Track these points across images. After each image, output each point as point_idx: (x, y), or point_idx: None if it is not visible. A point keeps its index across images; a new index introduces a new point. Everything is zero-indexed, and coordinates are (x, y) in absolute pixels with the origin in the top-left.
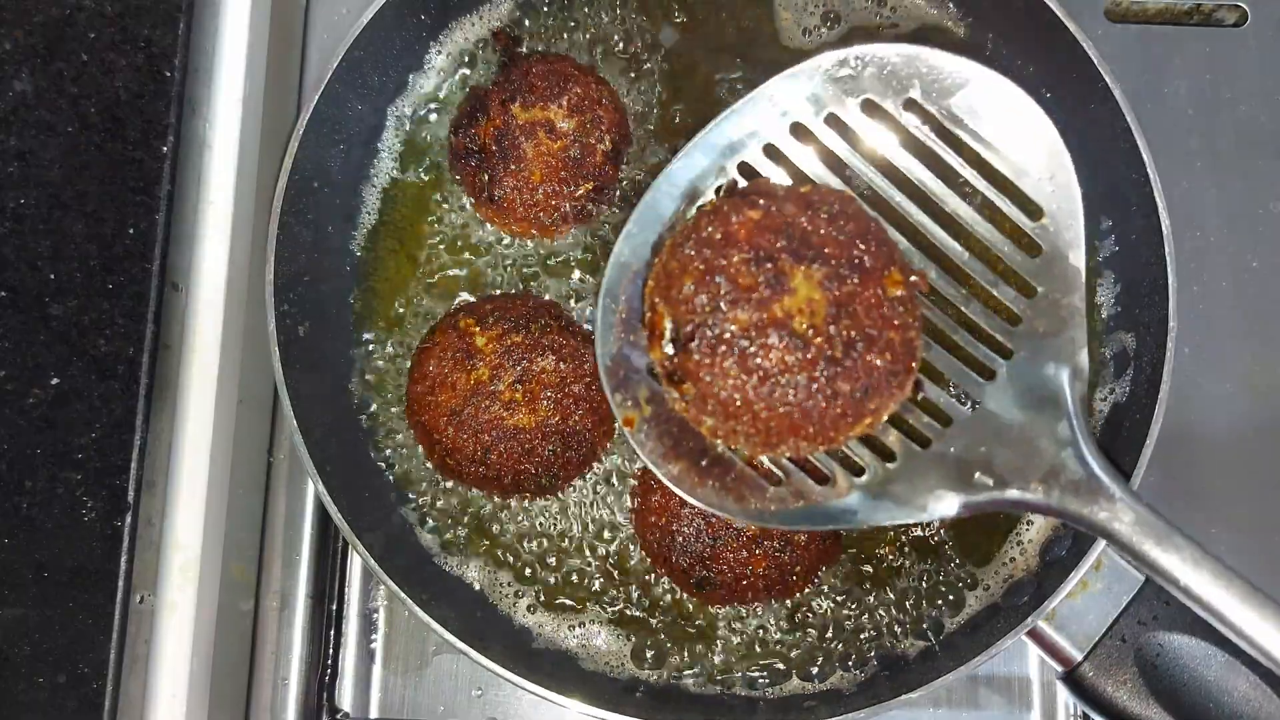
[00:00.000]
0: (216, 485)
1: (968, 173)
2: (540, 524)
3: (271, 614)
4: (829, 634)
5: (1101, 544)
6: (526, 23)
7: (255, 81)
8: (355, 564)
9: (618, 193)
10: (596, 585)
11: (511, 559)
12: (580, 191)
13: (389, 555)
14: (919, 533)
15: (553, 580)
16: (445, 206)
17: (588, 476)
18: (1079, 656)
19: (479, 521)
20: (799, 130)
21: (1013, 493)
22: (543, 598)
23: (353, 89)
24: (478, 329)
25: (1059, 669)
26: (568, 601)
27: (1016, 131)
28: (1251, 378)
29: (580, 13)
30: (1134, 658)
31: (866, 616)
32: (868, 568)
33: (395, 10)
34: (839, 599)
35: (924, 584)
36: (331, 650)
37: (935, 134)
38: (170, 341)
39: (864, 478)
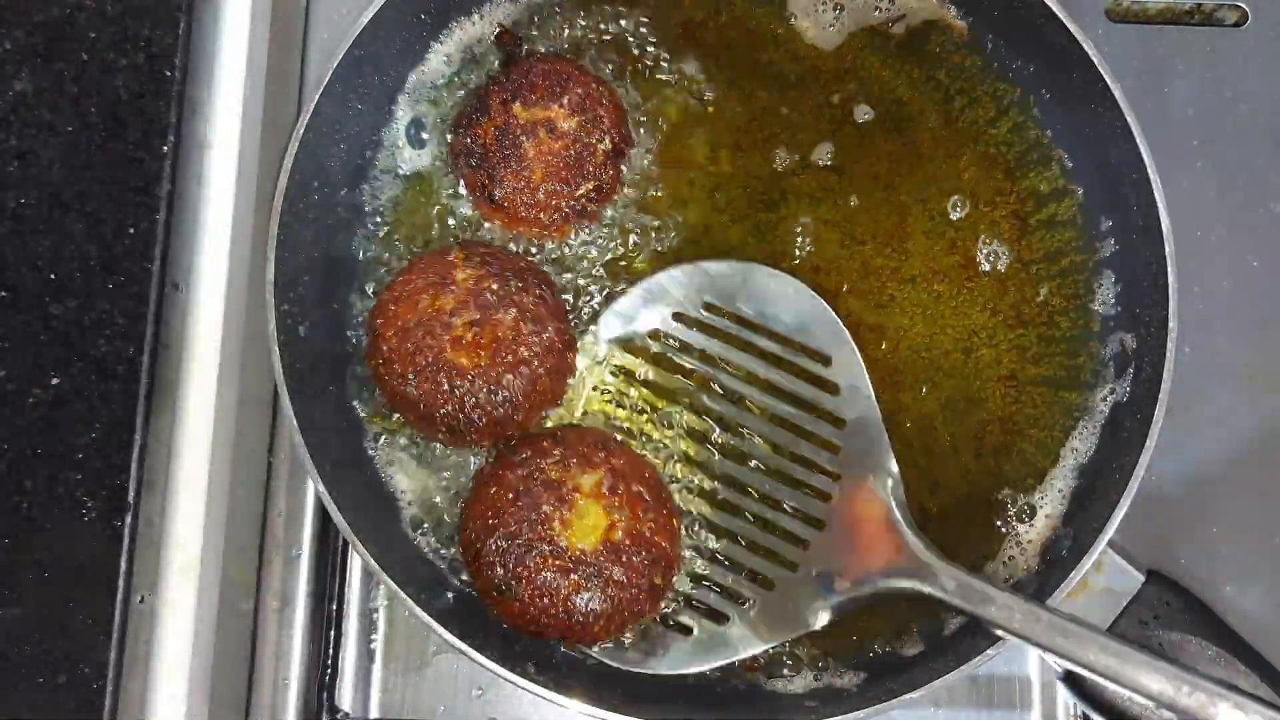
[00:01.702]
0: (216, 485)
1: (768, 344)
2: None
3: (271, 614)
4: (829, 634)
5: (1102, 544)
6: (534, 20)
7: (255, 81)
8: (355, 564)
9: (620, 191)
10: None
11: None
12: (581, 191)
13: (389, 555)
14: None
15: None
16: (446, 206)
17: None
18: None
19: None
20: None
21: (866, 588)
22: None
23: (353, 89)
24: (463, 262)
25: (1059, 669)
26: None
27: (791, 303)
28: (1251, 378)
29: (586, 15)
30: None
31: (866, 616)
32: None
33: (395, 10)
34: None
35: None
36: (331, 650)
37: (737, 323)
38: (170, 341)
39: (754, 610)
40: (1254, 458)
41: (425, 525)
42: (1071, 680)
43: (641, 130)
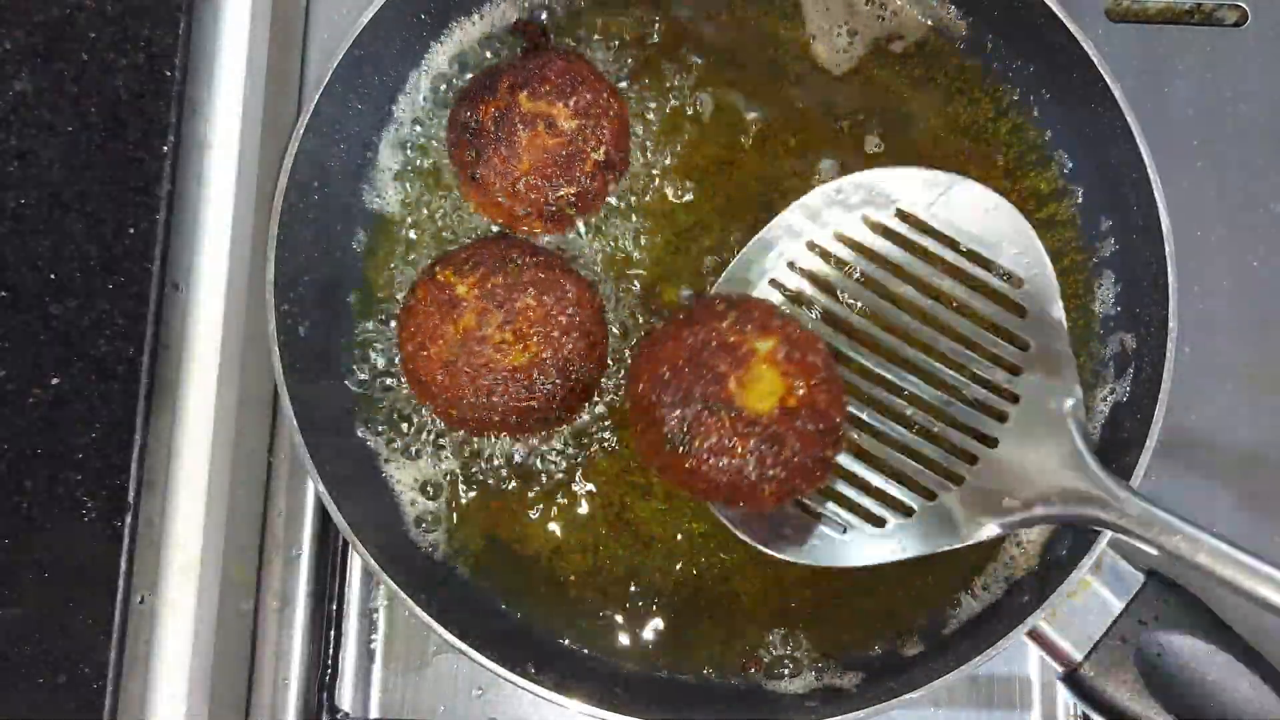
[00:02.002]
0: (216, 485)
1: (959, 260)
2: (541, 524)
3: (271, 614)
4: (829, 633)
5: (1102, 544)
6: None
7: (255, 81)
8: (355, 564)
9: (601, 207)
10: (600, 585)
11: (513, 558)
12: (561, 194)
13: (389, 555)
14: None
15: (555, 580)
16: (446, 206)
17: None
18: (1079, 656)
19: (481, 522)
20: (813, 247)
21: (1038, 510)
22: (544, 597)
23: (353, 89)
24: (456, 278)
25: (1059, 669)
26: (569, 601)
27: (988, 221)
28: (1251, 378)
29: (608, 22)
30: (1134, 658)
31: (866, 616)
32: (868, 566)
33: (395, 10)
34: (838, 598)
35: (924, 584)
36: (331, 650)
37: (926, 234)
38: (170, 341)
39: (912, 518)
40: (1254, 458)
41: (426, 524)
42: (1071, 680)
43: (646, 136)
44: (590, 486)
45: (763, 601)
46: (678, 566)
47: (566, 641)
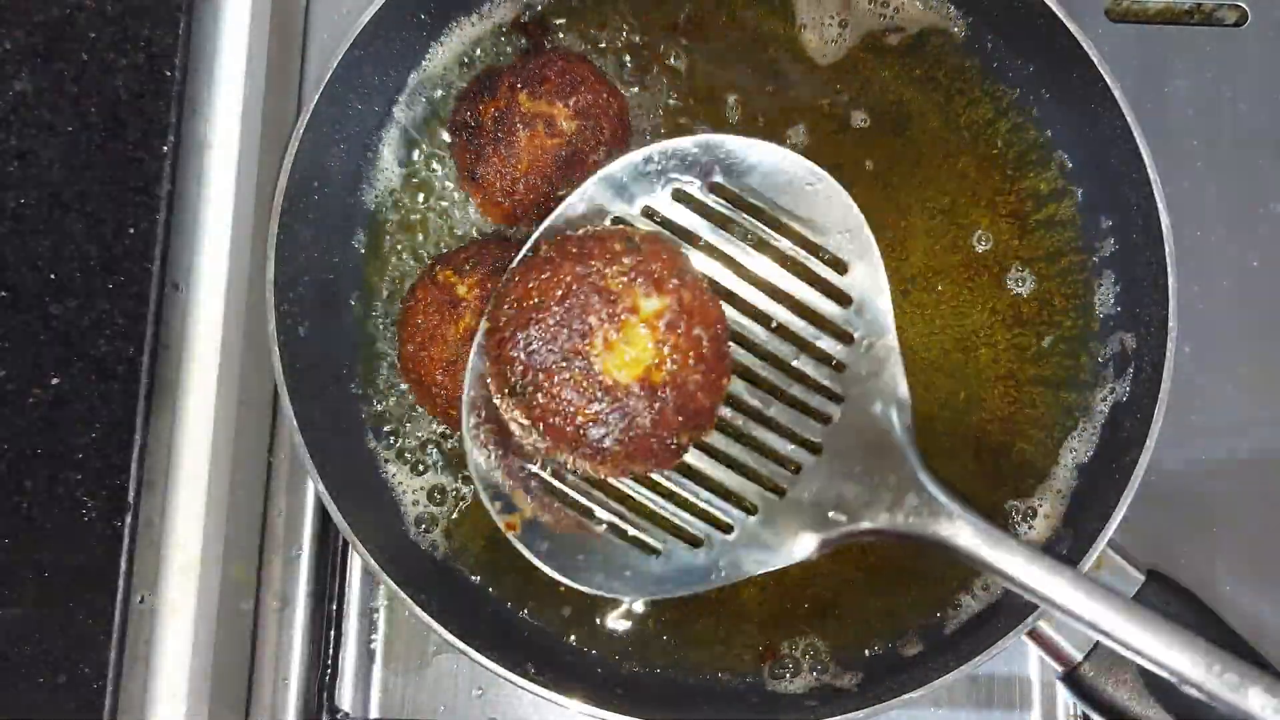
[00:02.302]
0: (216, 485)
1: (776, 240)
2: None
3: (271, 614)
4: (828, 633)
5: (1102, 544)
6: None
7: (255, 81)
8: (355, 564)
9: None
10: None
11: (513, 558)
12: (561, 193)
13: (389, 555)
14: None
15: (555, 580)
16: (446, 206)
17: None
18: (1079, 656)
19: (481, 522)
20: (619, 224)
21: (864, 524)
22: (544, 597)
23: (353, 89)
24: (456, 278)
25: (1059, 669)
26: (569, 601)
27: (812, 198)
28: (1251, 378)
29: (605, 21)
30: None
31: (866, 616)
32: (867, 567)
33: (395, 10)
34: (838, 598)
35: (924, 583)
36: (331, 650)
37: (744, 210)
38: (170, 341)
39: (732, 534)
40: (1254, 457)
41: (425, 524)
42: (1071, 680)
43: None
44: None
45: (762, 601)
46: None
47: (566, 641)
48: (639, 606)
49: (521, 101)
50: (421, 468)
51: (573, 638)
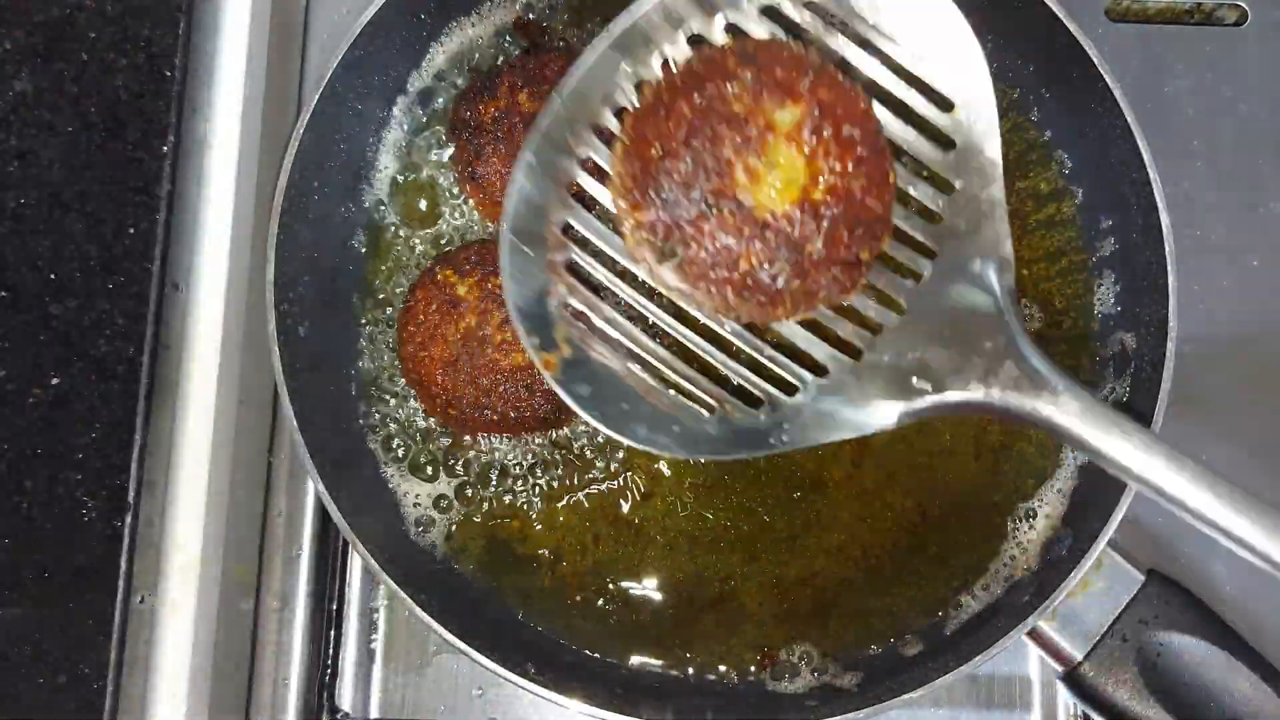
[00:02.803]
0: (216, 485)
1: (873, 68)
2: (541, 523)
3: (271, 614)
4: (829, 633)
5: (1102, 543)
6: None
7: (255, 81)
8: (355, 564)
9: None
10: (599, 585)
11: (513, 558)
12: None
13: (389, 555)
14: (919, 532)
15: (555, 579)
16: (446, 206)
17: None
18: (1079, 656)
19: (481, 521)
20: (697, 41)
21: (952, 395)
22: (544, 596)
23: (353, 89)
24: (456, 278)
25: (1059, 669)
26: (569, 601)
27: (923, 24)
28: (1251, 378)
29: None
30: (1134, 658)
31: (866, 616)
32: (867, 567)
33: (395, 10)
34: (838, 598)
35: (924, 583)
36: (331, 650)
37: (839, 31)
38: (170, 341)
39: (797, 396)
40: (1254, 457)
41: (425, 524)
42: (1071, 680)
43: None
44: (590, 486)
45: (762, 601)
46: (677, 566)
47: (566, 641)
48: (638, 607)
49: (521, 101)
50: (422, 468)
51: (573, 638)
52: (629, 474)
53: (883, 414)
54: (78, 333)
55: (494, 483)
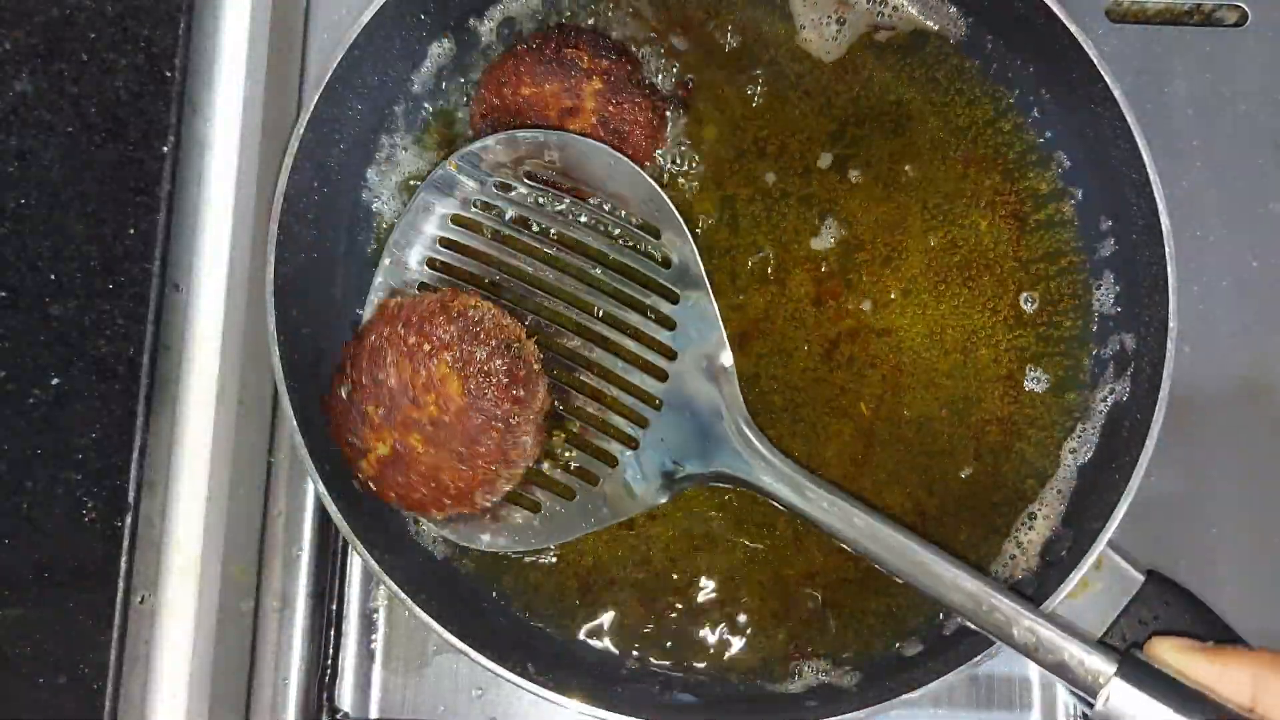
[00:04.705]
0: (216, 485)
1: (594, 214)
2: None
3: (271, 614)
4: (828, 633)
5: (1102, 543)
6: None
7: (255, 81)
8: (355, 564)
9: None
10: (599, 585)
11: (513, 558)
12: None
13: (389, 555)
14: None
15: (555, 580)
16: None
17: None
18: None
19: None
20: (460, 220)
21: (700, 471)
22: (544, 596)
23: (353, 89)
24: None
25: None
26: (569, 601)
27: (611, 173)
28: (1251, 378)
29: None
30: None
31: (866, 616)
32: (867, 567)
33: (395, 10)
34: (838, 598)
35: None
36: (331, 650)
37: (560, 190)
38: (170, 342)
39: (598, 485)
40: (1254, 458)
41: (425, 524)
42: None
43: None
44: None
45: (762, 601)
46: (677, 565)
47: (566, 641)
48: (638, 607)
49: (525, 94)
50: None
51: (573, 637)
52: None
53: (655, 493)
54: (78, 333)
55: None
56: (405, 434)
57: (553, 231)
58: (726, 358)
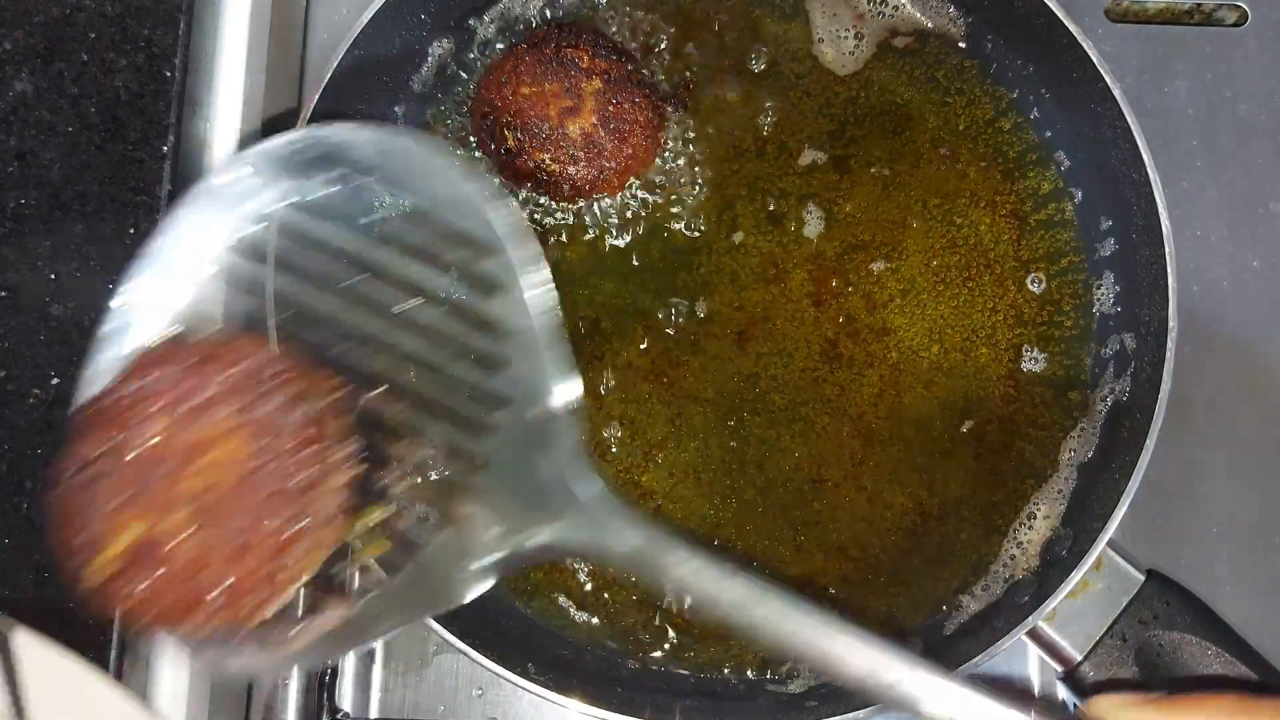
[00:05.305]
0: None
1: (414, 234)
2: None
3: None
4: None
5: (1102, 543)
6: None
7: (255, 81)
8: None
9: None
10: (599, 584)
11: None
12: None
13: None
14: (919, 532)
15: (555, 579)
16: None
17: None
18: (1079, 656)
19: None
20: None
21: (535, 541)
22: (544, 596)
23: (353, 89)
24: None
25: (1059, 669)
26: (570, 600)
27: (432, 180)
28: (1251, 378)
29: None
30: (1134, 658)
31: (866, 616)
32: (867, 567)
33: (395, 10)
34: (838, 598)
35: (924, 584)
36: None
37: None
38: None
39: (397, 578)
40: (1254, 458)
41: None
42: (1071, 680)
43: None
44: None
45: None
46: None
47: (566, 641)
48: (638, 607)
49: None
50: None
51: (573, 637)
52: (628, 473)
53: (479, 579)
54: (78, 333)
55: None
56: (162, 515)
57: (351, 250)
58: (563, 395)
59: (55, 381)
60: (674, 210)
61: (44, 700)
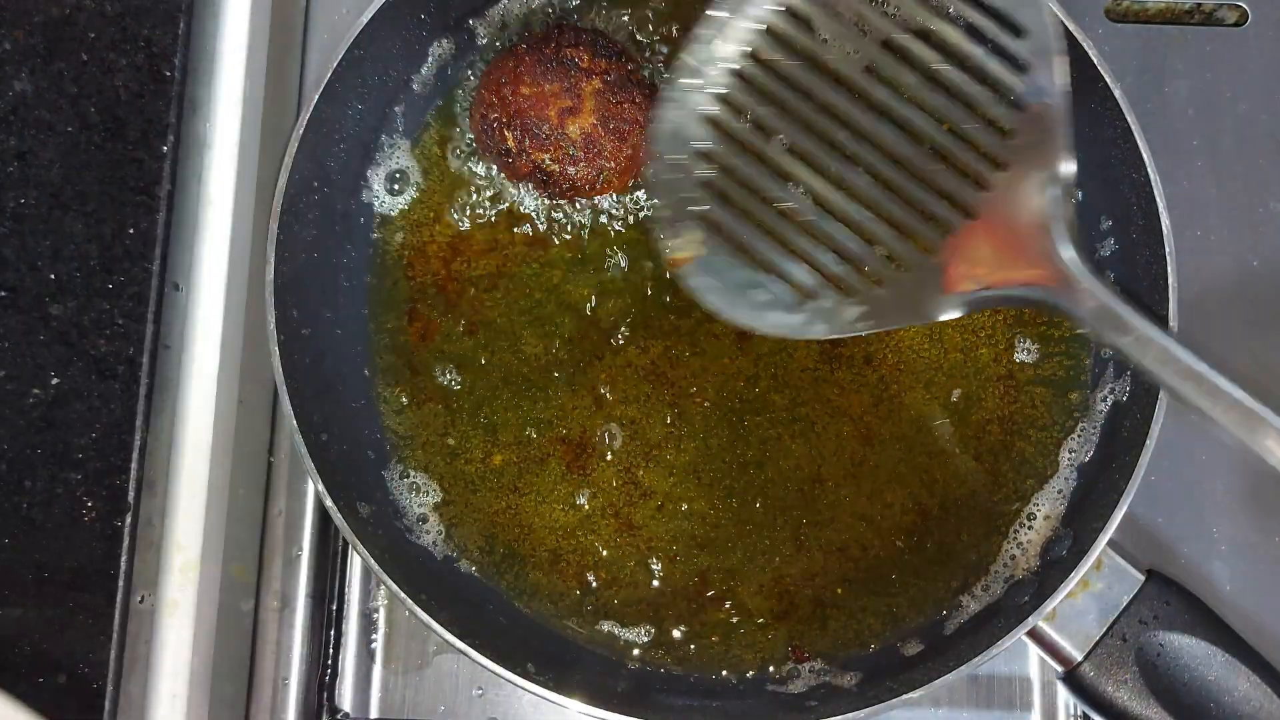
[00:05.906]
0: (216, 485)
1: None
2: (541, 524)
3: (271, 614)
4: (828, 633)
5: (1102, 543)
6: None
7: (255, 81)
8: (355, 564)
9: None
10: (599, 584)
11: (513, 558)
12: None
13: (389, 555)
14: (919, 532)
15: (555, 579)
16: (443, 206)
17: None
18: (1079, 656)
19: (481, 521)
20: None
21: (1002, 291)
22: (544, 596)
23: (353, 89)
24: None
25: (1059, 669)
26: (569, 600)
27: None
28: (1251, 377)
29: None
30: (1134, 658)
31: (866, 616)
32: (867, 567)
33: (395, 10)
34: (838, 598)
35: (924, 583)
36: (331, 650)
37: None
38: (170, 341)
39: (883, 288)
40: (1254, 458)
41: (425, 524)
42: (1071, 680)
43: None
44: (590, 487)
45: (762, 601)
46: (677, 565)
47: (567, 641)
48: (638, 606)
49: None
50: (422, 466)
51: (573, 637)
52: (629, 473)
53: (950, 305)
54: (78, 333)
55: (495, 483)
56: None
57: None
58: (1063, 169)
59: (55, 381)
60: None
61: None
